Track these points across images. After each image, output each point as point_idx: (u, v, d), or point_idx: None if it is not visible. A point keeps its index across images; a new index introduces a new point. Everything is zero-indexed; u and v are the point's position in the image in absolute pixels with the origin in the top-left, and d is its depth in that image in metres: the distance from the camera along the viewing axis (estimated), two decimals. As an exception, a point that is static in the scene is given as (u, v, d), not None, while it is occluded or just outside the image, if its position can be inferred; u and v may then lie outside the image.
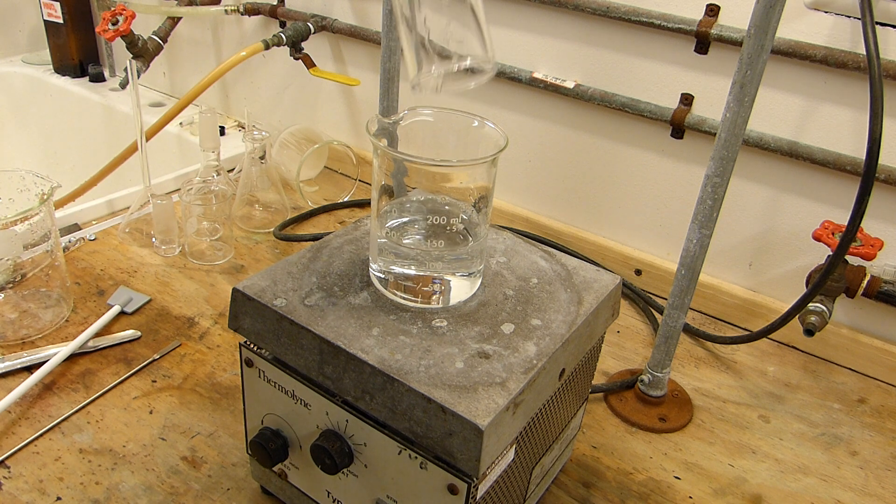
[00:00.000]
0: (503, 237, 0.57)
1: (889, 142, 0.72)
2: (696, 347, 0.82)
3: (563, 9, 0.87)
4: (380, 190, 0.48)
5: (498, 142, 0.46)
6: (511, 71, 0.93)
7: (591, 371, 0.58)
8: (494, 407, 0.40)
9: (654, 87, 0.84)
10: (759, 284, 0.87)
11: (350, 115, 1.16)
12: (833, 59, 0.72)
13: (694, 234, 0.61)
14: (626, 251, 0.93)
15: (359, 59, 1.10)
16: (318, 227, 1.00)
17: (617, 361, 0.78)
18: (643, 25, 0.81)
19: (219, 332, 0.76)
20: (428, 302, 0.48)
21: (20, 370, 0.67)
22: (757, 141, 0.79)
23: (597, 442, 0.67)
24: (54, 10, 1.34)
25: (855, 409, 0.75)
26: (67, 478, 0.57)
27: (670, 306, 0.65)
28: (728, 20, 0.77)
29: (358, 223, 0.58)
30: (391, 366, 0.42)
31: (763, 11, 0.51)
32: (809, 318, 0.71)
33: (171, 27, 1.10)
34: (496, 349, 0.44)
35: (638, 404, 0.71)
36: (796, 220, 0.81)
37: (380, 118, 0.47)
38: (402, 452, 0.44)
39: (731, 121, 0.56)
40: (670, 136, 0.86)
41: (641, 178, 0.90)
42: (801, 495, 0.63)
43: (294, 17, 1.09)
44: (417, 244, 0.47)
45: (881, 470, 0.67)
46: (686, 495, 0.62)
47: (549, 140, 0.95)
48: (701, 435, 0.69)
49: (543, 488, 0.59)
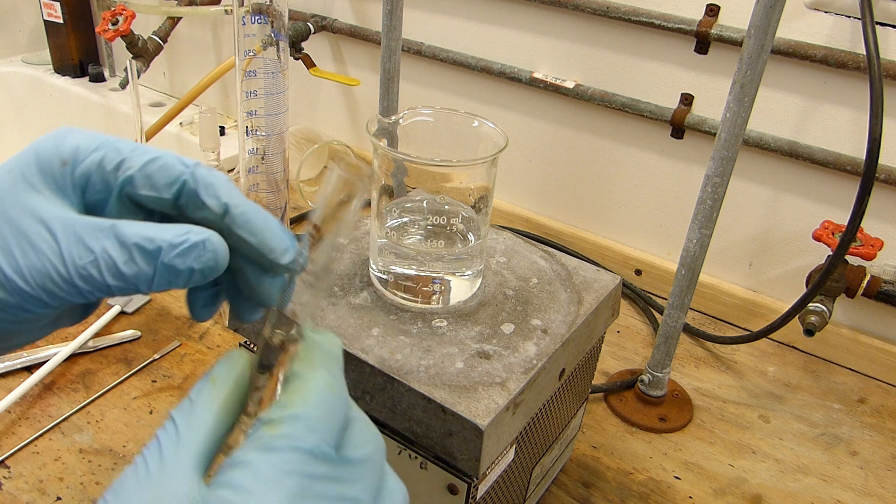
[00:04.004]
0: (503, 237, 0.57)
1: (889, 142, 0.72)
2: (696, 347, 0.82)
3: (563, 9, 0.87)
4: (380, 190, 0.48)
5: (498, 142, 0.46)
6: (511, 71, 0.93)
7: (591, 371, 0.58)
8: (494, 407, 0.40)
9: (654, 87, 0.84)
10: (759, 284, 0.87)
11: (350, 115, 1.16)
12: (833, 59, 0.71)
13: (694, 234, 0.61)
14: (626, 251, 0.93)
15: (359, 59, 1.10)
16: (318, 227, 1.00)
17: (617, 361, 0.78)
18: (643, 25, 0.81)
19: (219, 332, 0.76)
20: (428, 302, 0.48)
21: (20, 370, 0.67)
22: (757, 141, 0.79)
23: (597, 442, 0.67)
24: (54, 10, 1.34)
25: (855, 409, 0.75)
26: (67, 478, 0.57)
27: (670, 306, 0.65)
28: (728, 20, 0.77)
29: (358, 223, 0.58)
30: (391, 366, 0.42)
31: (763, 11, 0.51)
32: (809, 318, 0.71)
33: (171, 27, 1.10)
34: (496, 349, 0.44)
35: (638, 404, 0.71)
36: (796, 220, 0.81)
37: (380, 118, 0.47)
38: (402, 452, 0.44)
39: (731, 121, 0.56)
40: (670, 136, 0.86)
41: (641, 178, 0.90)
42: (801, 495, 0.63)
43: (294, 17, 1.09)
44: (417, 244, 0.47)
45: (881, 470, 0.67)
46: (686, 495, 0.62)
47: (549, 140, 0.95)
48: (701, 435, 0.69)
49: (543, 488, 0.59)
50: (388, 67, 0.77)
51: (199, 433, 0.23)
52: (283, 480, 0.22)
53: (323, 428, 0.24)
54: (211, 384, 0.25)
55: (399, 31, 0.75)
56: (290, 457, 0.23)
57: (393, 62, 0.77)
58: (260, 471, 0.22)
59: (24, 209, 0.24)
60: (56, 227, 0.24)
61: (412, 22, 0.99)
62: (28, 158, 0.26)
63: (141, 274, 0.24)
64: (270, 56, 0.72)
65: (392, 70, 0.77)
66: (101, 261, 0.24)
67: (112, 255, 0.24)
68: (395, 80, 0.78)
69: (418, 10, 0.99)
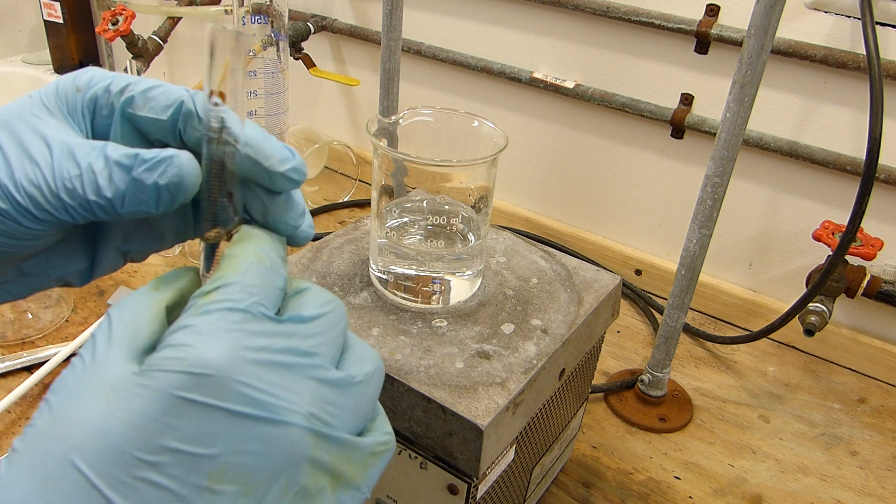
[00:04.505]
0: (503, 237, 0.57)
1: (889, 142, 0.72)
2: (696, 347, 0.82)
3: (563, 9, 0.87)
4: (380, 190, 0.48)
5: (498, 142, 0.46)
6: (511, 71, 0.93)
7: (591, 371, 0.58)
8: (494, 407, 0.40)
9: (654, 87, 0.84)
10: (759, 284, 0.87)
11: (350, 115, 1.16)
12: (833, 59, 0.71)
13: (694, 234, 0.61)
14: (626, 251, 0.93)
15: (359, 59, 1.10)
16: (318, 227, 1.00)
17: (617, 361, 0.78)
18: (643, 25, 0.81)
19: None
20: (428, 302, 0.48)
21: (20, 370, 0.67)
22: (757, 141, 0.79)
23: (597, 442, 0.67)
24: (54, 10, 1.34)
25: (855, 409, 0.75)
26: (67, 478, 0.57)
27: (670, 306, 0.65)
28: (728, 20, 0.77)
29: (358, 223, 0.58)
30: (391, 366, 0.42)
31: (763, 11, 0.51)
32: (809, 318, 0.71)
33: (171, 27, 1.10)
34: (496, 349, 0.44)
35: (638, 404, 0.71)
36: (796, 220, 0.81)
37: (380, 118, 0.47)
38: (402, 452, 0.44)
39: (731, 121, 0.56)
40: (670, 136, 0.86)
41: (641, 178, 0.90)
42: (801, 495, 0.63)
43: (294, 17, 1.09)
44: (417, 244, 0.47)
45: (881, 470, 0.67)
46: (686, 495, 0.62)
47: (549, 140, 0.95)
48: (701, 435, 0.69)
49: (543, 488, 0.59)
50: (388, 67, 0.77)
51: (132, 325, 0.23)
52: (223, 335, 0.22)
53: (258, 292, 0.24)
54: (153, 288, 0.25)
55: (399, 31, 0.75)
56: (228, 316, 0.22)
57: (393, 62, 0.77)
58: (199, 329, 0.22)
59: (32, 128, 0.26)
60: (55, 145, 0.25)
61: (412, 22, 0.99)
62: (49, 87, 0.27)
63: (116, 191, 0.25)
64: (270, 56, 0.72)
65: (392, 70, 0.77)
66: (85, 176, 0.25)
67: (95, 170, 0.25)
68: (395, 80, 0.78)
69: (418, 10, 0.99)
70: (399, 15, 0.74)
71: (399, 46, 0.76)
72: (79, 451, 0.20)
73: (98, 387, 0.21)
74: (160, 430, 0.20)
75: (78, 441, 0.20)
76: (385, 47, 0.76)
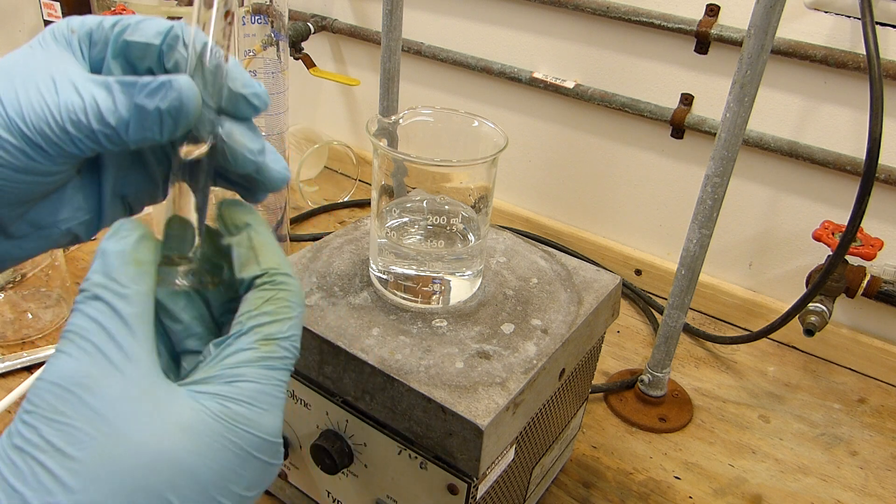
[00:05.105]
0: (503, 237, 0.57)
1: (889, 142, 0.72)
2: (696, 347, 0.82)
3: (563, 9, 0.87)
4: (380, 190, 0.48)
5: (498, 142, 0.46)
6: (511, 71, 0.93)
7: (591, 371, 0.58)
8: (494, 407, 0.40)
9: (654, 87, 0.84)
10: (759, 284, 0.87)
11: (350, 115, 1.16)
12: (833, 59, 0.71)
13: (694, 234, 0.61)
14: (626, 251, 0.93)
15: (359, 59, 1.10)
16: (318, 227, 1.00)
17: (617, 361, 0.78)
18: (643, 25, 0.81)
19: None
20: (428, 302, 0.48)
21: (20, 370, 0.67)
22: (757, 141, 0.79)
23: (597, 442, 0.67)
24: (54, 10, 1.34)
25: (855, 409, 0.75)
26: (67, 478, 0.57)
27: (670, 306, 0.65)
28: (728, 20, 0.77)
29: (358, 223, 0.58)
30: (391, 366, 0.42)
31: (763, 11, 0.51)
32: (809, 318, 0.71)
33: (171, 27, 1.10)
34: (496, 349, 0.44)
35: (638, 404, 0.71)
36: (796, 220, 0.81)
37: (380, 118, 0.47)
38: (401, 452, 0.44)
39: (731, 121, 0.56)
40: (670, 136, 0.86)
41: (641, 178, 0.90)
42: (801, 495, 0.63)
43: (294, 17, 1.09)
44: (417, 244, 0.47)
45: (881, 470, 0.67)
46: (686, 495, 0.62)
47: (548, 140, 0.95)
48: (701, 435, 0.69)
49: (543, 488, 0.59)
50: (388, 67, 0.77)
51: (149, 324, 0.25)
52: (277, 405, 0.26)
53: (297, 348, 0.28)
54: (135, 267, 0.26)
55: (399, 31, 0.75)
56: (285, 375, 0.27)
57: (393, 62, 0.77)
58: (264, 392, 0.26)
59: (40, 66, 0.27)
60: (59, 80, 0.26)
61: (412, 22, 0.99)
62: (46, 32, 0.29)
63: (120, 119, 0.26)
64: (270, 56, 0.72)
65: (392, 70, 0.77)
66: (89, 106, 0.26)
67: (98, 100, 0.26)
68: (395, 80, 0.78)
69: (418, 10, 0.99)
70: (399, 15, 0.74)
71: (399, 46, 0.76)
72: (174, 490, 0.23)
73: (161, 415, 0.24)
74: (235, 479, 0.25)
75: (168, 478, 0.23)
76: (385, 47, 0.76)
